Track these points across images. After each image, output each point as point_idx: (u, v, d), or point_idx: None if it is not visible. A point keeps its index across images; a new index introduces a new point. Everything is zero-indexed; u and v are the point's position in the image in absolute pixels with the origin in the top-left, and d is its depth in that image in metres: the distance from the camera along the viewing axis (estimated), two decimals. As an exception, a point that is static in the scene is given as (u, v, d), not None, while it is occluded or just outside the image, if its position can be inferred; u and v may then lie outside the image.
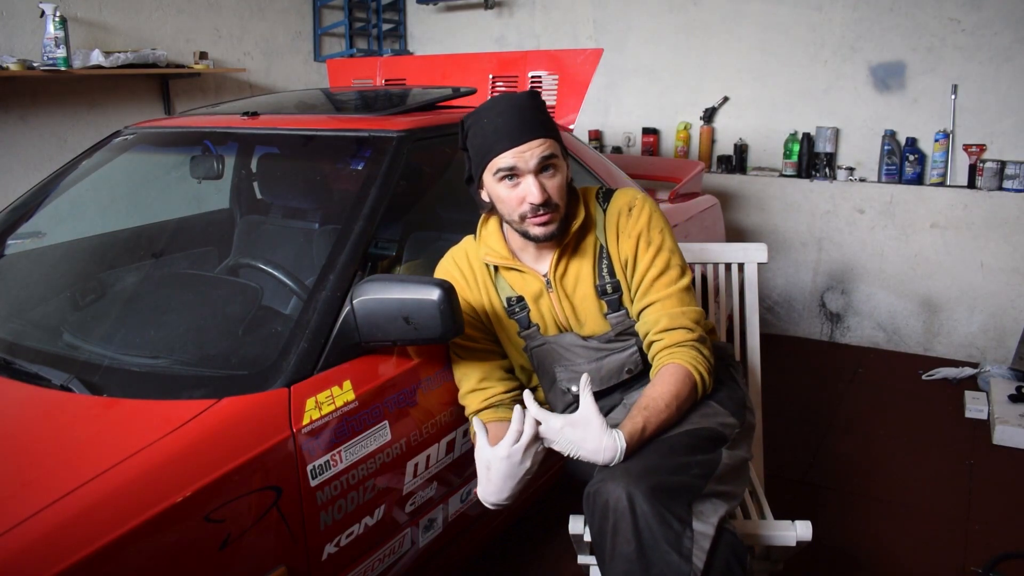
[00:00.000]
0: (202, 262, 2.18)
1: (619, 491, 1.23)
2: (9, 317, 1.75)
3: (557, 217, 1.44)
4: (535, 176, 1.39)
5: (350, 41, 4.63)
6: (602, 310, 1.52)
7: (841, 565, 2.11)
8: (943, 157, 3.49)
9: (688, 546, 1.22)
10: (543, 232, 1.43)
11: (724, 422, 1.43)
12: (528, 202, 1.40)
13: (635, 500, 1.22)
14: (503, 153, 1.39)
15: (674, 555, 1.21)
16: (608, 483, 1.26)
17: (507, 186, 1.42)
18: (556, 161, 1.42)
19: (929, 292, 3.63)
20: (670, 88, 4.15)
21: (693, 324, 1.47)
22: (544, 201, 1.40)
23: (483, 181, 1.46)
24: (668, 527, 1.22)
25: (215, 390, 1.32)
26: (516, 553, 2.16)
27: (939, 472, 2.60)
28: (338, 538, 1.41)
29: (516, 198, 1.41)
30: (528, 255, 1.54)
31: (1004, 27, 3.33)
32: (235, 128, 2.07)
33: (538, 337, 1.56)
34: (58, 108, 3.32)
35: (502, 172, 1.40)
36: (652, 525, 1.21)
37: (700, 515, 1.26)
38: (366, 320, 1.41)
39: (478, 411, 1.54)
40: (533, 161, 1.39)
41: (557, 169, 1.42)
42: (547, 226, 1.43)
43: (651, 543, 1.21)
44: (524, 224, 1.44)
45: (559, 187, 1.43)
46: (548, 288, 1.52)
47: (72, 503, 1.07)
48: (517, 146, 1.38)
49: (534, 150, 1.38)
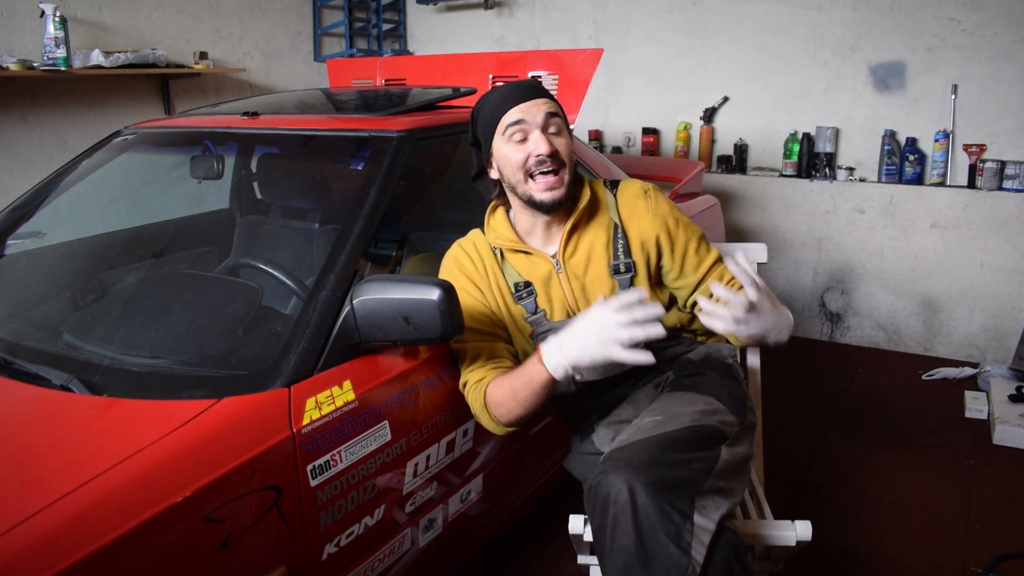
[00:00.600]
0: (202, 262, 2.18)
1: (620, 483, 1.23)
2: (9, 317, 1.75)
3: (564, 179, 1.48)
4: (542, 131, 1.47)
5: (350, 41, 4.63)
6: (614, 289, 1.54)
7: (841, 565, 2.11)
8: (943, 157, 3.49)
9: (687, 539, 1.22)
10: (549, 196, 1.47)
11: (724, 420, 1.43)
12: (535, 155, 1.46)
13: (636, 492, 1.22)
14: (511, 109, 1.48)
15: (673, 547, 1.21)
16: (609, 475, 1.26)
17: (515, 143, 1.48)
18: (560, 123, 1.50)
19: (929, 292, 3.63)
20: (670, 88, 4.15)
21: None
22: (551, 153, 1.46)
23: (492, 151, 1.52)
24: (668, 520, 1.22)
25: (215, 390, 1.32)
26: (516, 553, 2.16)
27: (939, 472, 2.60)
28: (338, 538, 1.41)
29: (523, 155, 1.47)
30: (536, 238, 1.56)
31: (1004, 27, 3.33)
32: (235, 128, 2.07)
33: (544, 323, 1.56)
34: (58, 108, 3.32)
35: (511, 128, 1.47)
36: (652, 517, 1.21)
37: (701, 509, 1.26)
38: (366, 320, 1.41)
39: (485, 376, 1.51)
40: (539, 116, 1.47)
41: (561, 131, 1.50)
42: (553, 191, 1.47)
43: (651, 535, 1.22)
44: (529, 186, 1.48)
45: (565, 146, 1.50)
46: (557, 269, 1.54)
47: (72, 503, 1.07)
48: (524, 102, 1.48)
49: (540, 107, 1.48)
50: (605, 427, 1.59)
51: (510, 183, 1.52)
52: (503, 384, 1.47)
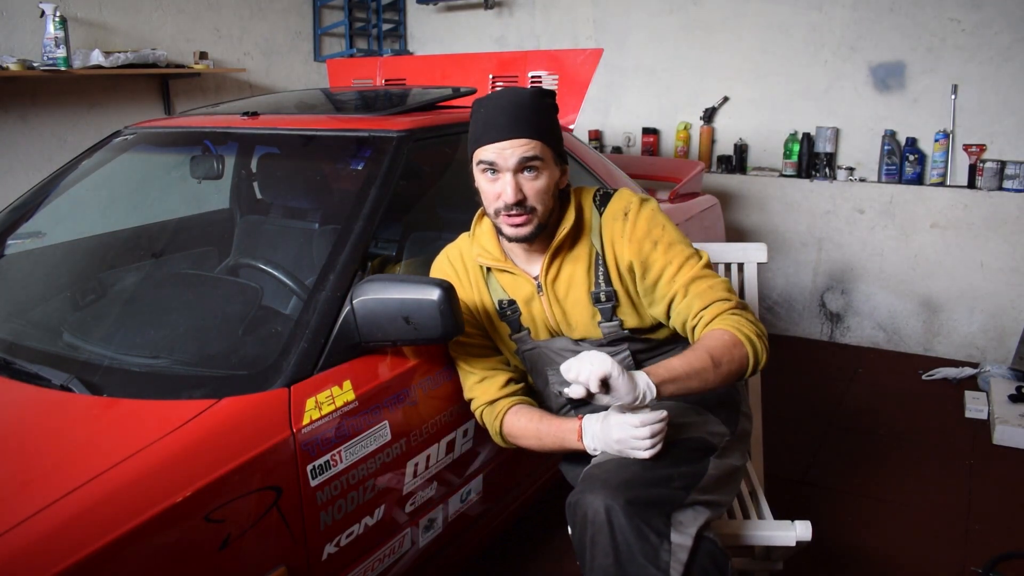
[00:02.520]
0: (202, 262, 2.18)
1: (597, 503, 1.23)
2: (9, 317, 1.75)
3: (533, 220, 1.42)
4: (513, 174, 1.39)
5: (350, 41, 4.63)
6: (595, 318, 1.50)
7: (841, 565, 2.11)
8: (943, 157, 3.49)
9: (665, 559, 1.22)
10: (514, 233, 1.43)
11: (713, 431, 1.42)
12: (502, 200, 1.40)
13: (612, 513, 1.22)
14: (486, 146, 1.40)
15: (651, 568, 1.21)
16: (587, 495, 1.26)
17: (488, 179, 1.42)
18: (539, 164, 1.40)
19: (929, 292, 3.63)
20: (670, 88, 4.15)
21: (727, 293, 1.44)
22: (517, 201, 1.39)
23: (473, 171, 1.47)
24: (645, 540, 1.21)
25: (215, 390, 1.32)
26: (516, 553, 2.16)
27: (939, 472, 2.60)
28: (338, 538, 1.41)
29: (494, 193, 1.42)
30: (519, 257, 1.53)
31: (1004, 27, 3.33)
32: (235, 128, 2.07)
33: (529, 341, 1.55)
34: (58, 108, 3.32)
35: (483, 165, 1.41)
36: (629, 539, 1.21)
37: (679, 526, 1.25)
38: (366, 320, 1.41)
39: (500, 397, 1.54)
40: (513, 160, 1.38)
41: (540, 172, 1.40)
42: (520, 228, 1.42)
43: (628, 557, 1.21)
44: (499, 220, 1.44)
45: (539, 190, 1.40)
46: (539, 292, 1.51)
47: (72, 503, 1.07)
48: (499, 142, 1.38)
49: (516, 149, 1.38)
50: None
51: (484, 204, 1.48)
52: (528, 425, 1.49)
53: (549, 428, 1.46)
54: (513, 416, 1.51)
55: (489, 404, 1.54)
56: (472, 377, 1.56)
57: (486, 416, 1.55)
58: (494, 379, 1.55)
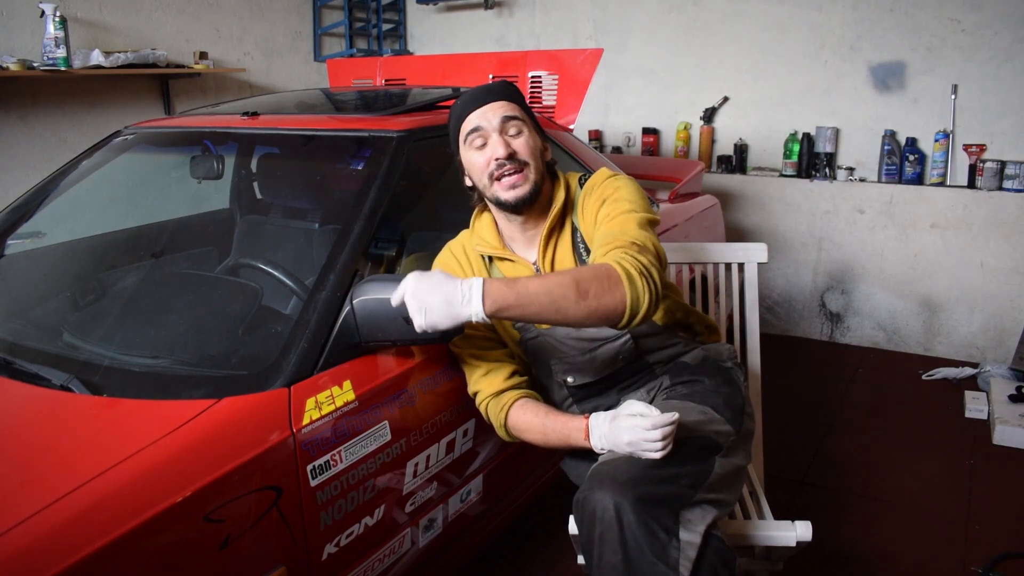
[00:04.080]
0: (202, 262, 2.18)
1: (606, 501, 1.23)
2: (9, 317, 1.75)
3: (528, 176, 1.46)
4: (500, 134, 1.45)
5: (350, 41, 4.63)
6: None
7: (841, 565, 2.11)
8: (943, 157, 3.49)
9: (675, 556, 1.22)
10: (513, 196, 1.45)
11: (719, 430, 1.43)
12: (494, 158, 1.44)
13: (622, 510, 1.22)
14: (468, 116, 1.47)
15: (660, 565, 1.21)
16: (596, 492, 1.26)
17: (476, 150, 1.47)
18: (520, 124, 1.47)
19: (929, 292, 3.63)
20: (670, 88, 4.15)
21: (631, 240, 1.35)
22: (509, 155, 1.44)
23: (462, 159, 1.52)
24: (654, 537, 1.22)
25: (215, 390, 1.32)
26: (516, 553, 2.16)
27: (939, 472, 2.60)
28: (338, 538, 1.41)
29: (484, 159, 1.46)
30: (518, 244, 1.55)
31: (1004, 27, 3.33)
32: (235, 128, 2.07)
33: (532, 330, 1.56)
34: (58, 108, 3.32)
35: (471, 135, 1.47)
36: (638, 535, 1.21)
37: (687, 523, 1.25)
38: (366, 320, 1.41)
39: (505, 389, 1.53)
40: (496, 120, 1.45)
41: (522, 130, 1.47)
42: (516, 188, 1.45)
43: (637, 553, 1.21)
44: (494, 188, 1.46)
45: (526, 145, 1.47)
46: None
47: (72, 503, 1.07)
48: (480, 107, 1.47)
49: (496, 110, 1.46)
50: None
51: (480, 188, 1.51)
52: (533, 420, 1.49)
53: (555, 425, 1.46)
54: (519, 410, 1.51)
55: (495, 396, 1.54)
56: (477, 371, 1.56)
57: (491, 409, 1.54)
58: (499, 371, 1.55)
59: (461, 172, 1.56)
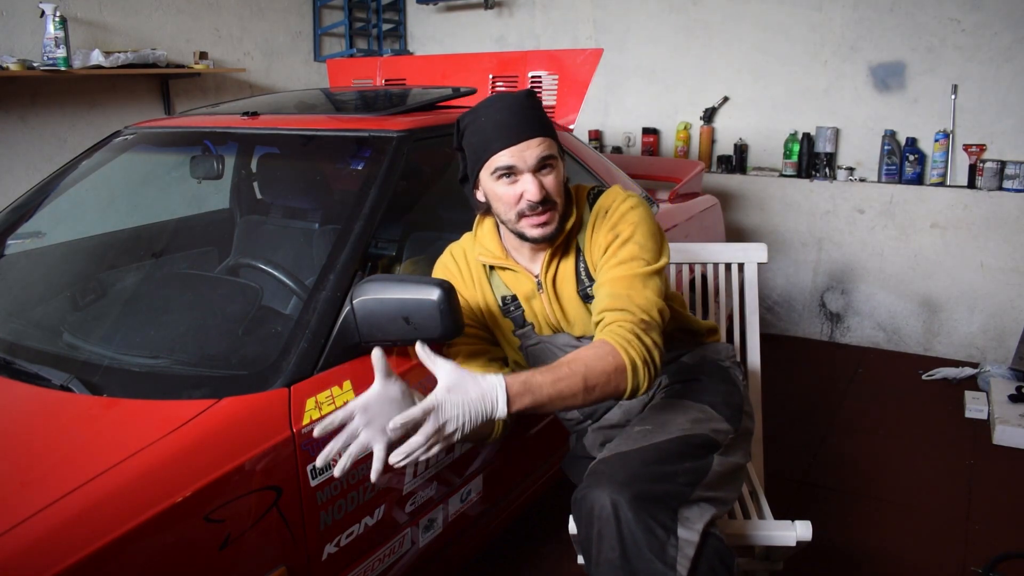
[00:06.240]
0: (202, 262, 2.18)
1: (604, 499, 1.23)
2: (9, 317, 1.75)
3: (555, 216, 1.41)
4: (533, 174, 1.37)
5: (350, 41, 4.63)
6: (590, 315, 1.48)
7: (841, 565, 2.11)
8: (943, 157, 3.49)
9: (672, 554, 1.22)
10: (540, 233, 1.40)
11: (717, 428, 1.42)
12: (527, 199, 1.37)
13: (619, 508, 1.22)
14: (501, 151, 1.37)
15: (658, 563, 1.21)
16: (593, 490, 1.25)
17: (505, 183, 1.39)
18: (554, 161, 1.40)
19: (929, 292, 3.63)
20: (670, 88, 4.15)
21: (638, 308, 1.34)
22: (543, 198, 1.37)
23: (480, 180, 1.44)
24: (652, 535, 1.22)
25: (215, 390, 1.32)
26: (516, 553, 2.16)
27: (939, 472, 2.60)
28: (338, 538, 1.41)
29: (514, 196, 1.38)
30: (522, 255, 1.52)
31: (1004, 27, 3.33)
32: (235, 128, 2.07)
33: (533, 336, 1.55)
34: (58, 108, 3.32)
35: (500, 171, 1.38)
36: (636, 533, 1.21)
37: (686, 521, 1.25)
38: (366, 320, 1.41)
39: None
40: (532, 160, 1.36)
41: (554, 168, 1.40)
42: (545, 227, 1.40)
43: (635, 551, 1.21)
44: (520, 224, 1.41)
45: (556, 185, 1.40)
46: (539, 289, 1.51)
47: (72, 503, 1.07)
48: (516, 144, 1.36)
49: (533, 149, 1.36)
50: (595, 431, 1.60)
51: (500, 217, 1.45)
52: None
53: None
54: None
55: None
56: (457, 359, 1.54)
57: None
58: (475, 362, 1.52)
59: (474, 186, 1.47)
